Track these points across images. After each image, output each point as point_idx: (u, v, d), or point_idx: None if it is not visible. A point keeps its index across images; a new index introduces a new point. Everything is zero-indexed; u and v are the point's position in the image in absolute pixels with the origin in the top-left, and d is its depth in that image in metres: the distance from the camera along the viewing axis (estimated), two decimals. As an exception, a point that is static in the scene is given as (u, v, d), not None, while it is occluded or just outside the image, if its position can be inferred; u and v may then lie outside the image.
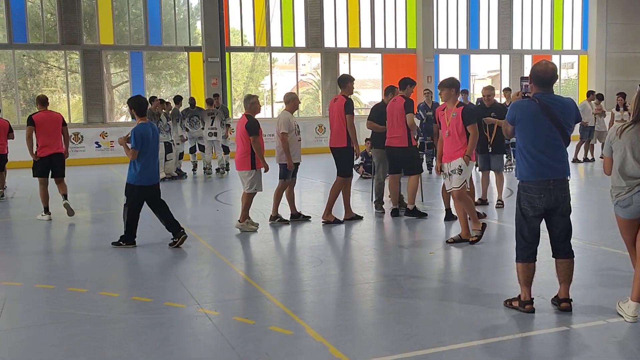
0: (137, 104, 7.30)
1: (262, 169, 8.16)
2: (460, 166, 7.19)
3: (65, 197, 9.43)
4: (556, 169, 4.66)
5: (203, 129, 14.49)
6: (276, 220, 8.58)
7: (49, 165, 9.31)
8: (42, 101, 9.52)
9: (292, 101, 8.56)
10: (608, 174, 4.76)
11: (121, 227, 7.55)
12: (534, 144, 4.65)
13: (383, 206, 9.17)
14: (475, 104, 12.60)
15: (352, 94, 8.70)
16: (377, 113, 9.15)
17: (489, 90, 9.52)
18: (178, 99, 14.94)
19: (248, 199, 8.14)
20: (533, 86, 4.70)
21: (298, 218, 8.72)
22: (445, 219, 8.49)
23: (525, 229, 4.76)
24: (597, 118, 15.97)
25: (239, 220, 8.19)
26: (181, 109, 14.80)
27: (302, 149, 8.90)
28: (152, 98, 13.92)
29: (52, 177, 9.43)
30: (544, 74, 4.63)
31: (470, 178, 7.79)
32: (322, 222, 8.48)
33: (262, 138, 8.15)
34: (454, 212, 8.14)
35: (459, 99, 7.53)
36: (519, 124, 4.70)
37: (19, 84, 19.70)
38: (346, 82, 8.52)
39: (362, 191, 11.70)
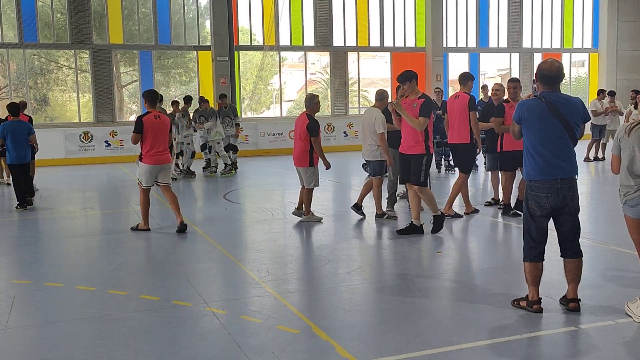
0: (12, 108, 10.37)
1: (322, 166, 8.48)
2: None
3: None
4: (564, 168, 4.63)
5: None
6: (384, 217, 8.58)
7: None
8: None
9: (384, 99, 8.57)
10: (616, 173, 4.72)
11: (129, 223, 8.55)
12: (541, 143, 4.62)
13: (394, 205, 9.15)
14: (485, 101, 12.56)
15: (471, 91, 8.72)
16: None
17: (498, 85, 9.65)
18: (188, 99, 14.97)
19: (308, 194, 8.50)
20: (540, 85, 4.67)
21: (382, 218, 8.61)
22: (503, 213, 8.70)
23: (533, 228, 4.74)
24: (611, 116, 15.78)
25: (304, 214, 8.55)
26: (191, 109, 14.83)
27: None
28: (174, 101, 14.49)
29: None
30: (549, 72, 4.61)
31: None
32: (445, 215, 8.44)
33: (320, 137, 8.43)
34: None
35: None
36: (526, 123, 4.67)
37: (29, 83, 19.82)
38: (467, 79, 8.62)
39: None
